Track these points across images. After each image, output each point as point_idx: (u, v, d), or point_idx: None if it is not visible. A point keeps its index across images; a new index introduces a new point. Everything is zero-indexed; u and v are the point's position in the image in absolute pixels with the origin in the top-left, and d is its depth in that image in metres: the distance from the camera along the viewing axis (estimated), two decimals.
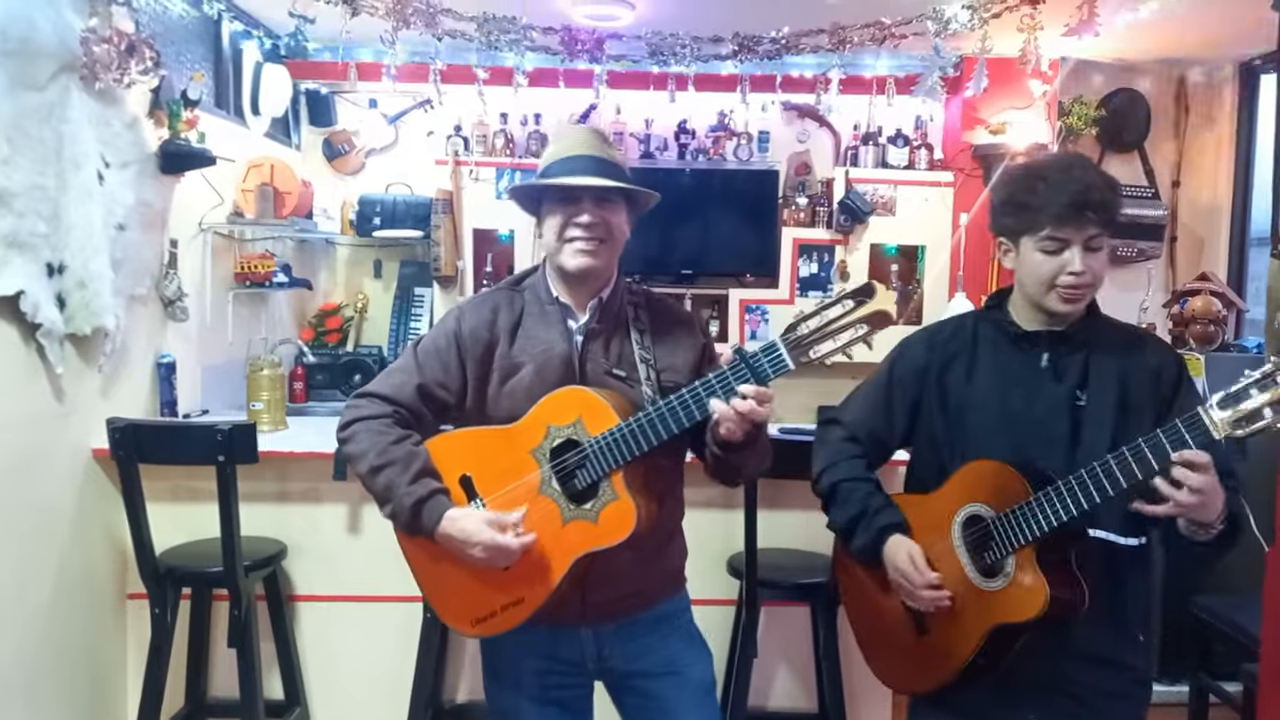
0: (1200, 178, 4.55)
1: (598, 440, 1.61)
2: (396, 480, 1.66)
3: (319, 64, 4.25)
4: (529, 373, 1.72)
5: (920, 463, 1.85)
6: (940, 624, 1.71)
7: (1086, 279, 1.62)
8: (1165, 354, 1.73)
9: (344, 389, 3.84)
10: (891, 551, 1.72)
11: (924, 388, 1.80)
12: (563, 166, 1.70)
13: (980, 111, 4.19)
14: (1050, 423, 1.67)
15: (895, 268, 4.48)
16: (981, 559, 1.66)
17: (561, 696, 1.82)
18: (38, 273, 2.35)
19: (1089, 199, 1.59)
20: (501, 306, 1.78)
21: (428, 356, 1.76)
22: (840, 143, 4.53)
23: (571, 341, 1.75)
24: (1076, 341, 1.69)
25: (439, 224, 4.26)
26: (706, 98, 4.16)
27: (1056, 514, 1.55)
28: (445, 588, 1.75)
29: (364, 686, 2.83)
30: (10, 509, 2.33)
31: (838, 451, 1.86)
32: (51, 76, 2.39)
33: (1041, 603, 1.56)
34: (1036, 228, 1.62)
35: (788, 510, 2.72)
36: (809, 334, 1.52)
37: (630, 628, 1.79)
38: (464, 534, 1.63)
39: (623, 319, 1.79)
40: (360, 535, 2.83)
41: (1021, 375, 1.70)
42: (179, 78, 3.11)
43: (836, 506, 1.82)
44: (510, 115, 4.43)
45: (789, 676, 2.86)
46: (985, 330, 1.78)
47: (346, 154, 4.52)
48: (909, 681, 1.81)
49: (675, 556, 1.88)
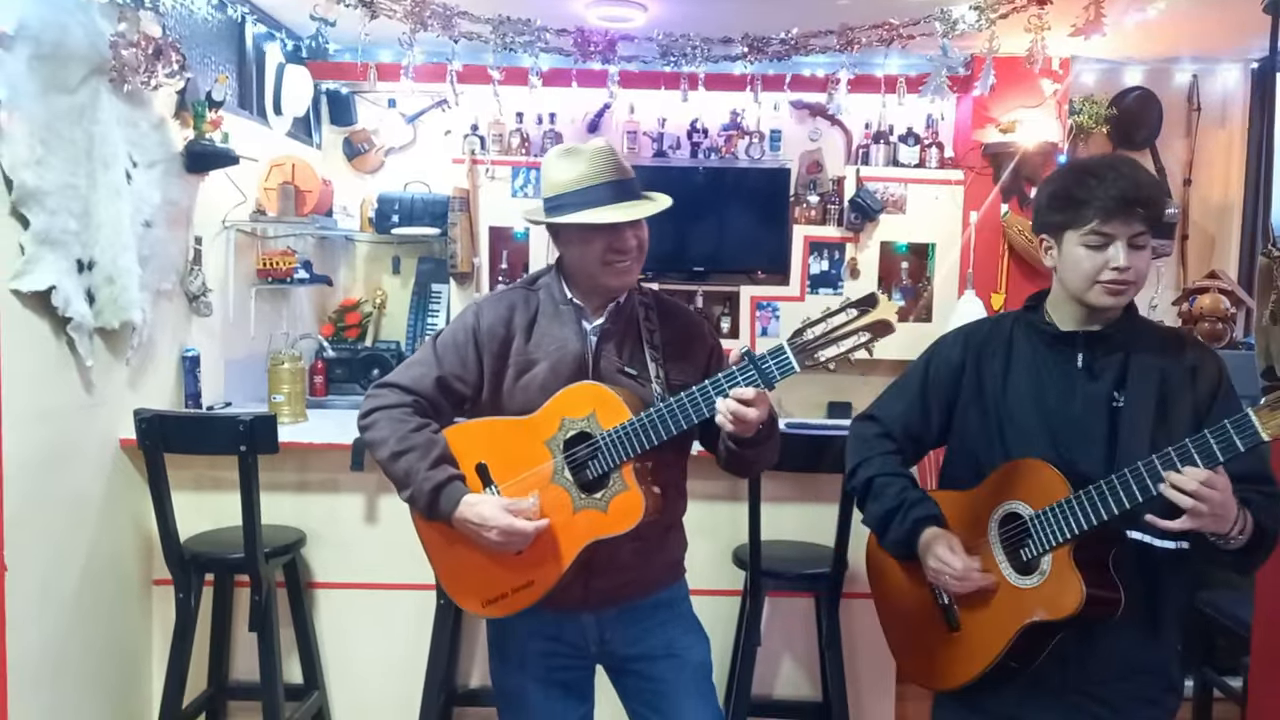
0: (1211, 176, 4.55)
1: (610, 433, 1.69)
2: (416, 466, 1.73)
3: (339, 65, 4.33)
4: (543, 369, 1.78)
5: (955, 461, 1.84)
6: (972, 620, 1.70)
7: (1130, 275, 1.60)
8: (1205, 355, 1.69)
9: (362, 383, 3.92)
10: (928, 542, 1.71)
11: (960, 387, 1.79)
12: (594, 195, 1.73)
13: (991, 110, 4.21)
14: (1088, 423, 1.65)
15: (905, 265, 4.50)
16: (1017, 557, 1.65)
17: (565, 678, 1.89)
18: (69, 268, 2.43)
19: (1138, 195, 1.58)
20: (518, 304, 1.84)
21: (446, 350, 1.82)
22: (851, 141, 4.56)
23: (585, 340, 1.81)
24: (1114, 342, 1.67)
25: (456, 221, 4.32)
26: (718, 97, 4.20)
27: (1096, 513, 1.54)
28: (459, 569, 1.82)
29: (379, 671, 2.90)
30: (42, 496, 2.41)
31: (872, 447, 1.85)
32: (82, 79, 2.47)
33: (1077, 601, 1.54)
34: (1083, 221, 1.60)
35: (792, 503, 2.77)
36: (814, 339, 1.58)
37: (631, 613, 1.85)
38: (480, 518, 1.69)
39: (634, 320, 1.85)
40: (377, 525, 2.90)
41: (1057, 375, 1.69)
42: (204, 79, 3.19)
43: (871, 501, 1.82)
44: (525, 115, 4.48)
45: (793, 666, 2.91)
46: (1021, 331, 1.77)
47: (366, 153, 4.59)
48: (935, 677, 1.79)
49: (675, 548, 1.94)
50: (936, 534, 1.71)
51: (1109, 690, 1.66)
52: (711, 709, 1.89)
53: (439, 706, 2.71)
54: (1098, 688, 1.66)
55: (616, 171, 1.76)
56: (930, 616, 1.78)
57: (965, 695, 1.73)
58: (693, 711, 1.85)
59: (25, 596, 2.34)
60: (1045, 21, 3.16)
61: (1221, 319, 3.78)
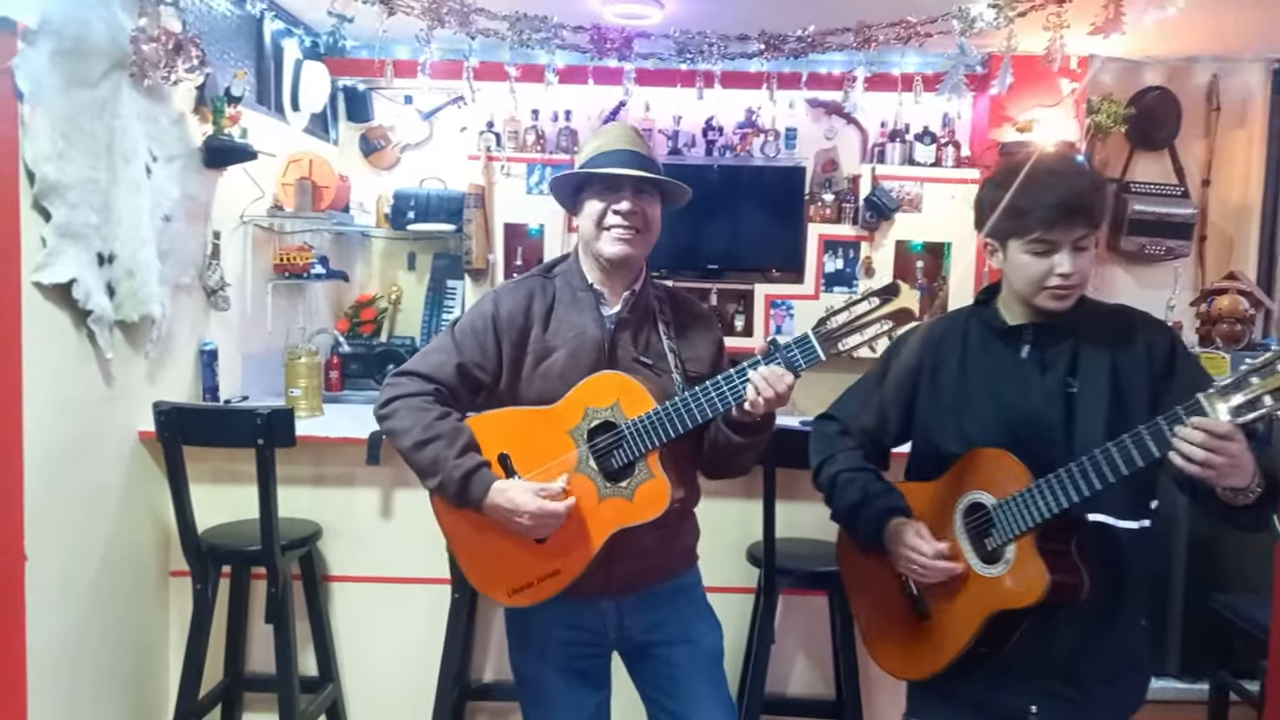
0: (1230, 177, 4.52)
1: (635, 422, 1.71)
2: (444, 454, 1.73)
3: (356, 61, 4.34)
4: (562, 356, 1.80)
5: (919, 456, 1.87)
6: (940, 609, 1.73)
7: (1075, 279, 1.63)
8: (1155, 331, 1.71)
9: (378, 378, 3.94)
10: (895, 531, 1.74)
11: (917, 387, 1.82)
12: (605, 159, 1.80)
13: (1008, 109, 4.19)
14: (1044, 412, 1.67)
15: (921, 264, 4.49)
16: (982, 546, 1.67)
17: (584, 667, 1.90)
18: (89, 262, 2.45)
19: (1078, 203, 1.60)
20: (536, 292, 1.86)
21: (465, 337, 1.83)
22: (867, 139, 4.55)
23: (604, 327, 1.83)
24: (1062, 330, 1.69)
25: (471, 218, 4.33)
26: (734, 95, 4.20)
27: (1058, 500, 1.56)
28: (485, 558, 1.83)
29: (394, 664, 2.91)
30: (62, 488, 2.43)
31: (834, 444, 1.89)
32: (103, 74, 2.49)
33: (1042, 588, 1.57)
34: (1025, 231, 1.63)
35: (806, 500, 2.73)
36: (838, 327, 1.62)
37: (650, 598, 1.87)
38: (512, 504, 1.70)
39: (650, 311, 1.88)
40: (392, 519, 2.91)
41: (1010, 369, 1.72)
42: (223, 75, 3.20)
43: (837, 496, 1.85)
44: (541, 112, 4.49)
45: (806, 664, 2.90)
46: (975, 326, 1.79)
47: (382, 149, 4.61)
48: (908, 667, 1.82)
49: (690, 535, 1.98)
50: (903, 523, 1.74)
51: (1077, 672, 1.67)
52: (723, 695, 1.92)
53: (453, 700, 2.72)
54: (1066, 669, 1.68)
55: (632, 143, 1.82)
56: (900, 607, 1.81)
57: (936, 683, 1.76)
58: (706, 698, 1.88)
59: (45, 586, 2.36)
60: (1064, 20, 3.13)
61: (1240, 320, 3.75)
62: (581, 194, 1.84)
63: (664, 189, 1.85)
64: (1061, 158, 1.79)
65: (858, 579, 1.94)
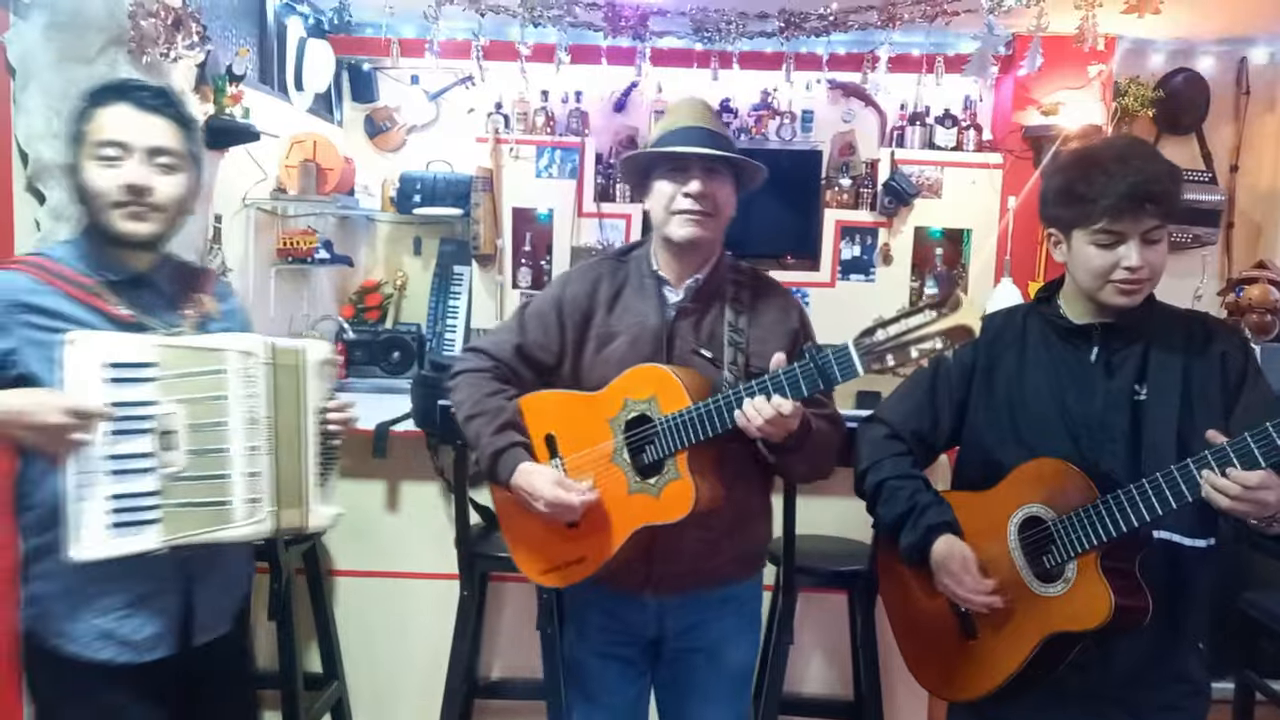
0: (1260, 162, 4.42)
1: (668, 419, 1.65)
2: (483, 430, 1.76)
3: (362, 39, 4.27)
4: (623, 343, 1.77)
5: (969, 461, 1.78)
6: (990, 629, 1.64)
7: (1144, 273, 1.53)
8: (1230, 340, 1.63)
9: (383, 365, 3.87)
10: (942, 554, 1.65)
11: (971, 387, 1.74)
12: (674, 138, 1.73)
13: (1032, 91, 4.09)
14: (1109, 419, 1.59)
15: (940, 252, 4.40)
16: (1039, 563, 1.59)
17: (623, 654, 1.89)
18: None
19: (1149, 190, 1.50)
20: (604, 276, 1.84)
21: (531, 319, 1.85)
22: (886, 123, 4.46)
23: (664, 315, 1.79)
24: (1132, 333, 1.61)
25: (479, 202, 4.26)
26: (750, 76, 4.12)
27: (1128, 519, 1.48)
28: (523, 536, 1.85)
29: (400, 661, 2.86)
30: None
31: (882, 449, 1.80)
32: (100, 50, 2.42)
33: (1106, 611, 1.49)
34: (1090, 220, 1.54)
35: (827, 497, 2.68)
36: (884, 341, 1.48)
37: (695, 602, 1.82)
38: (531, 488, 1.70)
39: (721, 297, 1.80)
40: (398, 513, 2.85)
41: (1075, 371, 1.63)
42: (224, 53, 3.13)
43: (882, 505, 1.76)
44: (551, 93, 4.41)
45: (825, 663, 2.85)
46: (1035, 324, 1.71)
47: (388, 131, 4.53)
48: (952, 688, 1.74)
49: (750, 540, 1.88)
50: (950, 544, 1.65)
51: (1134, 698, 1.61)
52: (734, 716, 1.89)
53: (461, 697, 2.66)
54: (1119, 692, 1.61)
55: (703, 119, 1.75)
56: (947, 624, 1.72)
57: (981, 705, 1.68)
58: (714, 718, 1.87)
59: None
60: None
61: (1271, 310, 3.66)
62: (650, 176, 1.78)
63: (738, 168, 1.77)
64: (1132, 142, 1.68)
65: (899, 592, 1.84)
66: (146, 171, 1.55)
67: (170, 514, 1.52)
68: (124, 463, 1.49)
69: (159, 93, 1.61)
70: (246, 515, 1.58)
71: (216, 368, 1.57)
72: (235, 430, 1.58)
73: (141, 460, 1.50)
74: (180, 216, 1.63)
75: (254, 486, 1.60)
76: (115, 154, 1.54)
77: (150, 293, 1.63)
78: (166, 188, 1.58)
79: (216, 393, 1.57)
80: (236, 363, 1.58)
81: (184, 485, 1.54)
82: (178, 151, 1.59)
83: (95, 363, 1.47)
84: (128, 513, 1.49)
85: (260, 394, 1.61)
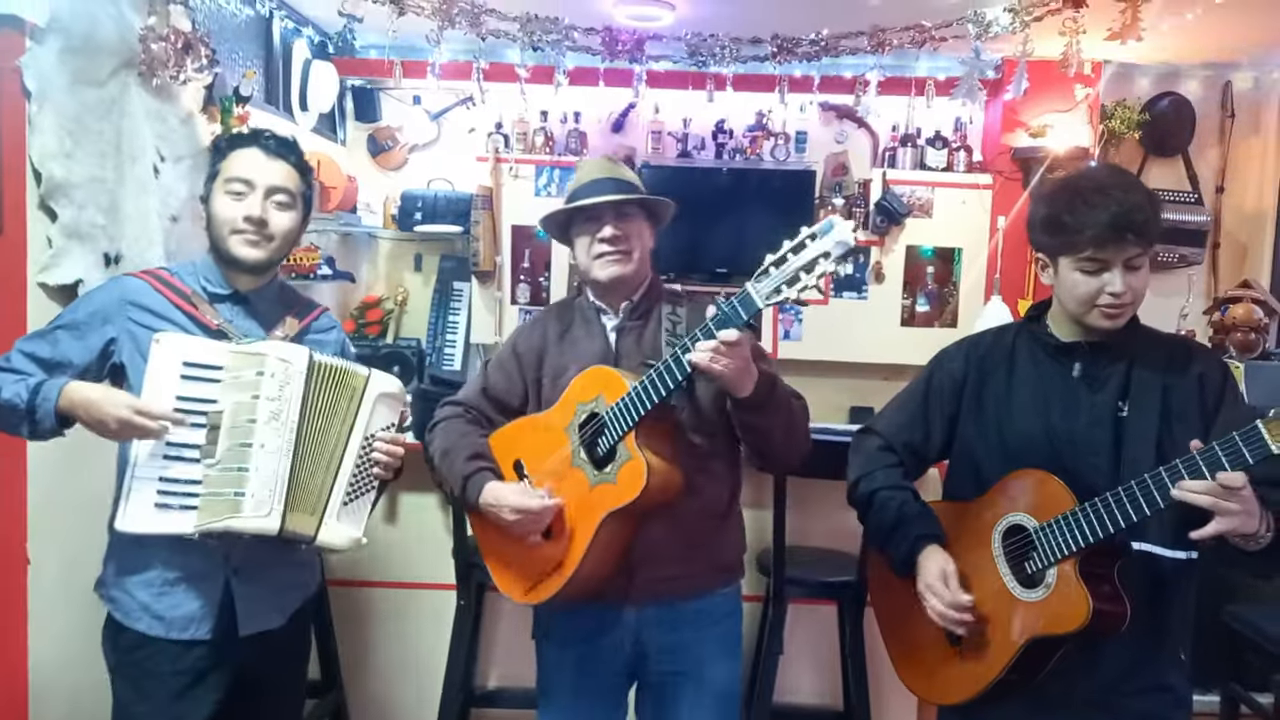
0: (1244, 184, 4.49)
1: (612, 407, 1.75)
2: (455, 461, 1.89)
3: (365, 61, 4.33)
4: (574, 371, 1.88)
5: (957, 472, 1.83)
6: (975, 634, 1.68)
7: (1127, 298, 1.60)
8: (1209, 361, 1.69)
9: None
10: (924, 562, 1.70)
11: (962, 401, 1.79)
12: (583, 192, 1.89)
13: (1021, 114, 4.17)
14: (1092, 434, 1.64)
15: (931, 270, 4.46)
16: (1022, 570, 1.63)
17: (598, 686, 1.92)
18: (96, 262, 2.43)
19: (1130, 220, 1.56)
20: (551, 319, 2.01)
21: (494, 369, 2.03)
22: (878, 144, 4.52)
23: (607, 339, 1.93)
24: (1116, 352, 1.67)
25: (478, 220, 4.32)
26: (745, 97, 4.17)
27: (1104, 525, 1.52)
28: (502, 557, 1.94)
29: (398, 670, 2.89)
30: (64, 490, 2.40)
31: (874, 461, 1.85)
32: (112, 72, 2.47)
33: (1084, 614, 1.53)
34: (1075, 250, 1.60)
35: (816, 509, 2.74)
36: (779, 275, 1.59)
37: (673, 615, 1.86)
38: (498, 500, 1.81)
39: (655, 315, 1.92)
40: (397, 524, 2.89)
41: (1060, 388, 1.69)
42: (232, 74, 3.19)
43: (872, 516, 1.82)
44: (550, 113, 4.48)
45: (815, 673, 2.88)
46: (1024, 343, 1.77)
47: (390, 150, 4.59)
48: (939, 692, 1.78)
49: (726, 549, 1.94)
50: (933, 554, 1.70)
51: (1114, 704, 1.64)
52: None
53: (458, 707, 2.70)
54: (1103, 698, 1.64)
55: (606, 171, 1.91)
56: (931, 629, 1.75)
57: (968, 709, 1.72)
58: None
59: (47, 590, 2.34)
60: (1080, 25, 3.11)
61: (1254, 329, 3.72)
62: (570, 230, 1.95)
63: (647, 206, 1.92)
64: (1114, 173, 1.74)
65: (889, 598, 1.88)
66: (266, 206, 1.79)
67: (205, 502, 1.68)
68: (178, 450, 1.67)
69: (284, 142, 1.85)
70: (254, 509, 1.69)
71: (258, 370, 1.72)
72: (260, 428, 1.71)
73: (192, 450, 1.69)
74: (288, 246, 1.87)
75: (266, 483, 1.70)
76: (241, 189, 1.78)
77: (246, 309, 1.85)
78: (281, 221, 1.81)
79: (253, 393, 1.71)
80: (274, 367, 1.73)
81: (216, 475, 1.68)
82: (293, 191, 1.83)
83: (175, 360, 1.68)
84: (172, 495, 1.67)
85: (289, 398, 1.73)
